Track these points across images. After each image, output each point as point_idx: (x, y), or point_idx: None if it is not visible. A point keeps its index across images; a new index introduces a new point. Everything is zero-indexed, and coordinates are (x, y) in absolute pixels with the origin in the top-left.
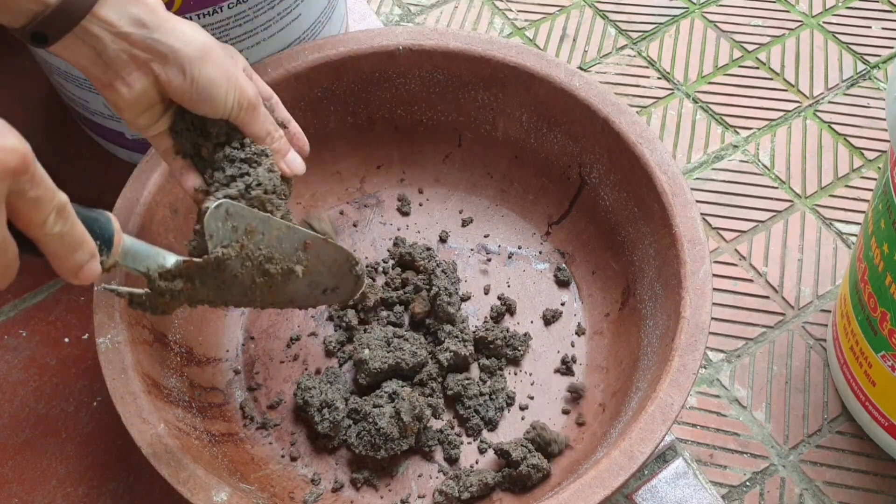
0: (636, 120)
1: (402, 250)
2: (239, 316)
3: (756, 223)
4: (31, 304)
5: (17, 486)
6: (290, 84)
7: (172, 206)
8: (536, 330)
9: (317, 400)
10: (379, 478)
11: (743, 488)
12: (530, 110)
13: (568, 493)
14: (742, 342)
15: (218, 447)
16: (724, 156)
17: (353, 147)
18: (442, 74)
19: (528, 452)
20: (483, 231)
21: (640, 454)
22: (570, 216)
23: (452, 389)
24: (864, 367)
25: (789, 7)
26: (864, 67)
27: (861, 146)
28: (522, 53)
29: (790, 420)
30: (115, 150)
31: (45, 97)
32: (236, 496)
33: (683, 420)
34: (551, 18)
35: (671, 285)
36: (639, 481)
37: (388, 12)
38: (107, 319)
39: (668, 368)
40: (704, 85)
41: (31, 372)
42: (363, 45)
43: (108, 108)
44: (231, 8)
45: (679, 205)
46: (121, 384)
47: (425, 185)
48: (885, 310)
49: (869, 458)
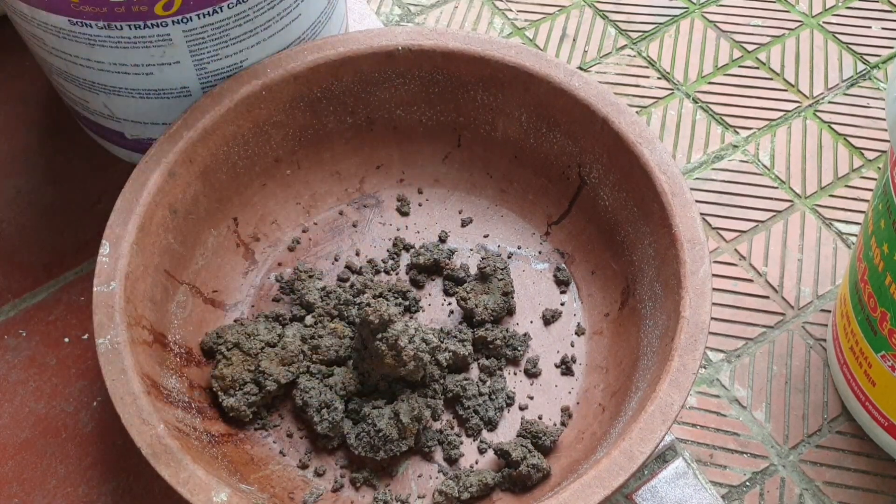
0: (636, 120)
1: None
2: (238, 317)
3: (756, 223)
4: (30, 304)
5: (16, 486)
6: (290, 84)
7: (172, 206)
8: (536, 330)
9: (316, 401)
10: (379, 478)
11: (743, 488)
12: (530, 110)
13: (568, 493)
14: (742, 342)
15: (218, 448)
16: (724, 156)
17: (352, 147)
18: (441, 75)
19: (527, 452)
20: (483, 231)
21: (640, 454)
22: (570, 216)
23: (452, 390)
24: (864, 367)
25: (789, 7)
26: (864, 67)
27: (861, 146)
28: (522, 53)
29: (790, 420)
30: (115, 150)
31: (45, 97)
32: (236, 496)
33: (683, 420)
34: (551, 18)
35: (671, 285)
36: (639, 481)
37: (388, 12)
38: (106, 320)
39: (668, 368)
40: (704, 85)
41: (30, 372)
42: (362, 46)
43: (107, 107)
44: (231, 8)
45: (679, 205)
46: (120, 385)
47: (425, 186)
48: (885, 310)
49: (869, 458)
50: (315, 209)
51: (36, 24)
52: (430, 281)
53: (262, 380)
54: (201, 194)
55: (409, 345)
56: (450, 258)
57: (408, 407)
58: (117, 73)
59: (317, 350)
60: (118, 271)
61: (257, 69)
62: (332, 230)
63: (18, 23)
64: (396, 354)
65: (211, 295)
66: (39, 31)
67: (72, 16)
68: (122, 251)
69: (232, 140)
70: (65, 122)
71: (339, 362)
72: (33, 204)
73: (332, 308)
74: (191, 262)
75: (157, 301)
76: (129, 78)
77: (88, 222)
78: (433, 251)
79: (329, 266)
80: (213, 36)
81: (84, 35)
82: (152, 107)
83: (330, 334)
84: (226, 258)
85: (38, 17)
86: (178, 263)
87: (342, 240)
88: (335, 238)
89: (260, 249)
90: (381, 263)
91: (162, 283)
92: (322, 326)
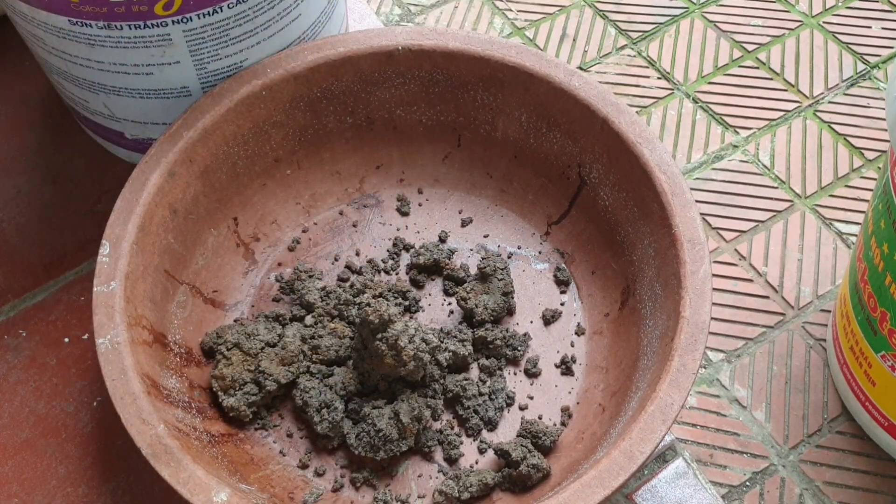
0: (636, 120)
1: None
2: (238, 316)
3: (756, 223)
4: (30, 304)
5: (16, 486)
6: (290, 84)
7: (172, 206)
8: (536, 330)
9: (316, 401)
10: (379, 478)
11: (743, 488)
12: (530, 110)
13: (568, 493)
14: (742, 342)
15: (218, 447)
16: (724, 156)
17: (352, 147)
18: (441, 74)
19: (527, 452)
20: (483, 231)
21: (640, 454)
22: (570, 216)
23: (452, 390)
24: (864, 367)
25: (789, 7)
26: (864, 67)
27: (861, 146)
28: (522, 53)
29: (790, 420)
30: (115, 150)
31: (45, 97)
32: (236, 496)
33: (683, 420)
34: (551, 18)
35: (671, 285)
36: (639, 481)
37: (388, 12)
38: (106, 320)
39: (668, 368)
40: (704, 85)
41: (30, 372)
42: (362, 46)
43: (107, 107)
44: (231, 8)
45: (679, 205)
46: (120, 385)
47: (425, 186)
48: (885, 310)
49: (869, 458)
50: (315, 209)
51: (36, 24)
52: (430, 281)
53: (262, 380)
54: (201, 194)
55: (409, 345)
56: (450, 258)
57: (408, 407)
58: (117, 73)
59: (317, 350)
60: (118, 271)
61: (257, 69)
62: (332, 230)
63: (18, 23)
64: (396, 354)
65: (211, 295)
66: (39, 31)
67: (72, 16)
68: (122, 251)
69: (232, 140)
70: (65, 122)
71: (339, 362)
72: (33, 204)
73: (332, 308)
74: (191, 262)
75: (157, 301)
76: (129, 78)
77: (88, 222)
78: (433, 251)
79: (329, 266)
80: (213, 36)
81: (84, 35)
82: (152, 107)
83: (330, 334)
84: (226, 258)
85: (38, 17)
86: (178, 263)
87: (342, 240)
88: (335, 238)
89: (260, 249)
90: (381, 263)
91: (162, 283)
92: (322, 326)
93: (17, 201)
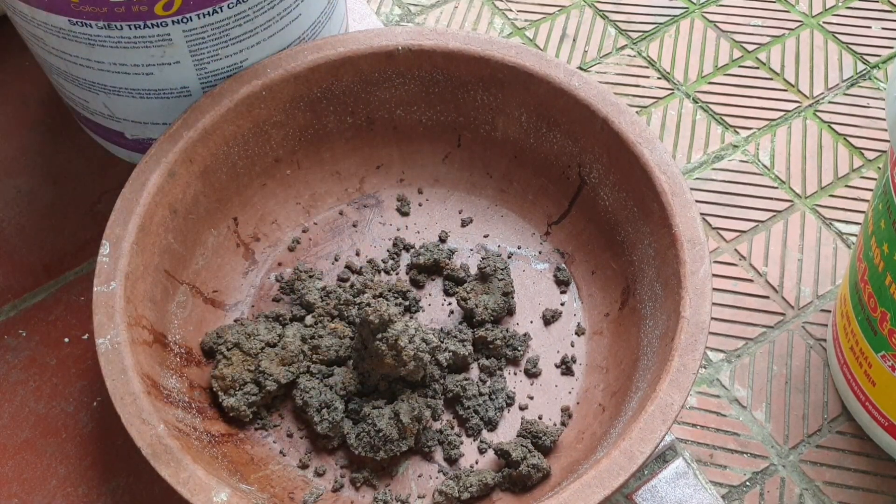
0: (636, 120)
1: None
2: (238, 316)
3: (756, 223)
4: (30, 304)
5: (16, 486)
6: (290, 84)
7: (172, 206)
8: (536, 330)
9: (316, 401)
10: (379, 478)
11: (743, 488)
12: (530, 110)
13: (568, 493)
14: (742, 342)
15: (218, 448)
16: (724, 156)
17: (352, 147)
18: (441, 74)
19: (527, 452)
20: (483, 231)
21: (640, 454)
22: (570, 216)
23: (452, 390)
24: (864, 367)
25: (789, 7)
26: (864, 67)
27: (861, 146)
28: (521, 53)
29: (790, 420)
30: (115, 150)
31: (45, 97)
32: (236, 496)
33: (683, 420)
34: (551, 18)
35: (671, 285)
36: (639, 481)
37: (388, 12)
38: (106, 320)
39: (668, 368)
40: (704, 85)
41: (30, 372)
42: (362, 46)
43: (107, 107)
44: (231, 8)
45: (679, 205)
46: (120, 385)
47: (425, 186)
48: (885, 310)
49: (869, 458)
50: (315, 209)
51: (36, 24)
52: (430, 281)
53: (262, 380)
54: (201, 194)
55: (409, 345)
56: (450, 258)
57: (408, 407)
58: (117, 73)
59: (317, 350)
60: (118, 271)
61: (257, 69)
62: (332, 230)
63: (18, 23)
64: (396, 354)
65: (211, 295)
66: (39, 31)
67: (72, 16)
68: (122, 251)
69: (232, 140)
70: (65, 123)
71: (339, 362)
72: (33, 204)
73: (332, 308)
74: (191, 261)
75: (157, 301)
76: (129, 78)
77: (88, 222)
78: (433, 251)
79: (329, 266)
80: (213, 36)
81: (84, 35)
82: (152, 107)
83: (330, 334)
84: (226, 258)
85: (38, 17)
86: (178, 263)
87: (342, 240)
88: (335, 238)
89: (260, 249)
90: (381, 263)
91: (162, 283)
92: (322, 326)
93: (17, 201)
